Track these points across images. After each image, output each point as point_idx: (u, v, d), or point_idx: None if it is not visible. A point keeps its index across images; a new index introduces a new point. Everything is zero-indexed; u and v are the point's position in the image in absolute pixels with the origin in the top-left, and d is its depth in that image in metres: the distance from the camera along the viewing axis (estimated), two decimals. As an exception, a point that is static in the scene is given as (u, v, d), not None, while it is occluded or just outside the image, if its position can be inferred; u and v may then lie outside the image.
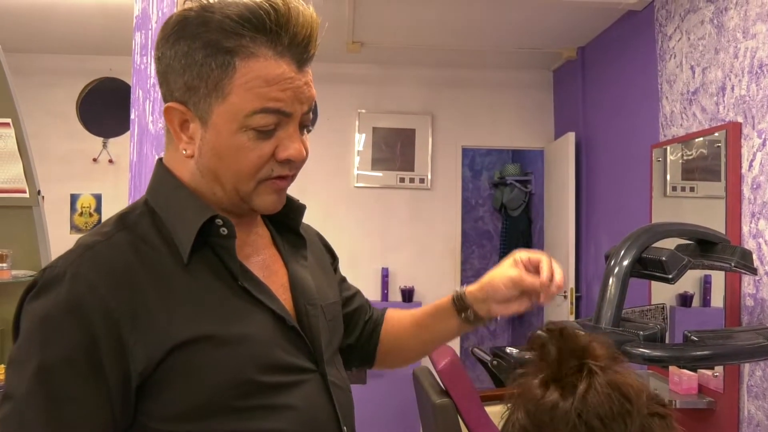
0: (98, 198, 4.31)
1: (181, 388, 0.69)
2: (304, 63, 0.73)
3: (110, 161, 4.30)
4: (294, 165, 0.76)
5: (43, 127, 4.15)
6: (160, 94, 1.58)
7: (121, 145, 4.28)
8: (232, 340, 0.72)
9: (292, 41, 0.71)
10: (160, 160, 0.81)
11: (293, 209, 0.86)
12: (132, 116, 1.54)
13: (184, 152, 0.75)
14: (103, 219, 4.28)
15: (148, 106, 1.53)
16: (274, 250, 0.85)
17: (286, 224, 0.88)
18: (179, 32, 0.71)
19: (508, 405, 0.77)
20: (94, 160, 4.29)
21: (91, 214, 4.31)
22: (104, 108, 4.34)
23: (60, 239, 2.28)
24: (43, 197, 2.02)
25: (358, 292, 1.07)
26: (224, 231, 0.74)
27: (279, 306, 0.78)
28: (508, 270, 0.95)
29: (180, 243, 0.73)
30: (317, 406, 0.78)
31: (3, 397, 0.67)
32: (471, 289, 0.98)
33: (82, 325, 0.66)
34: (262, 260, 0.82)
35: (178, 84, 0.72)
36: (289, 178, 0.78)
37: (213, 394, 0.70)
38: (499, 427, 0.80)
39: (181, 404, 0.69)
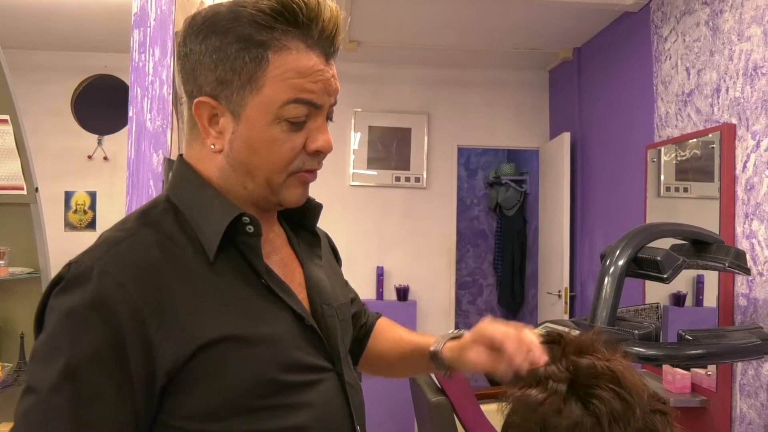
0: (93, 195, 4.30)
1: (205, 387, 0.69)
2: (331, 56, 0.75)
3: (105, 158, 4.29)
4: (321, 158, 0.78)
5: (37, 123, 4.13)
6: (158, 91, 1.58)
7: (116, 143, 4.27)
8: (256, 340, 0.72)
9: (321, 35, 0.73)
10: (181, 156, 0.80)
11: (310, 208, 0.88)
12: (130, 113, 1.54)
13: (212, 147, 0.75)
14: (98, 217, 4.27)
15: (146, 104, 1.53)
16: (290, 249, 0.86)
17: (301, 223, 0.89)
18: (210, 27, 0.71)
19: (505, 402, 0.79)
20: (89, 157, 4.28)
21: (85, 212, 4.29)
22: (99, 105, 4.33)
23: (54, 236, 2.28)
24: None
25: (356, 298, 1.08)
26: (250, 229, 0.74)
27: (299, 305, 0.78)
28: (469, 354, 0.87)
29: (206, 241, 0.73)
30: (333, 404, 0.79)
31: (25, 390, 0.67)
32: (449, 348, 0.93)
33: (109, 322, 0.66)
34: (281, 259, 0.83)
35: (209, 79, 0.72)
36: (316, 172, 0.79)
37: (237, 393, 0.70)
38: (501, 425, 0.81)
39: (204, 403, 0.69)
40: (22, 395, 0.67)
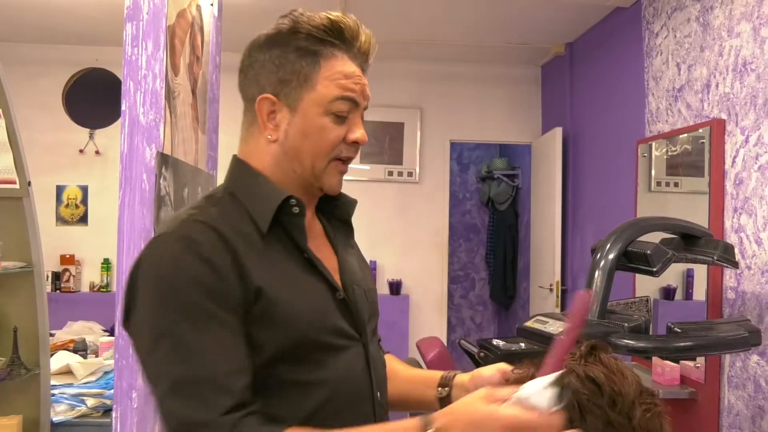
0: (84, 189, 4.28)
1: (262, 331, 0.82)
2: (365, 70, 0.94)
3: (97, 152, 4.27)
4: (356, 148, 0.93)
5: (28, 117, 4.08)
6: (150, 85, 1.57)
7: (107, 137, 4.25)
8: (300, 305, 0.85)
9: (359, 50, 0.93)
10: (235, 155, 0.96)
11: (346, 202, 1.02)
12: (123, 107, 1.54)
13: (269, 137, 0.90)
14: (89, 211, 4.25)
15: (139, 98, 1.52)
16: (325, 239, 0.99)
17: (337, 215, 1.02)
18: (272, 41, 0.90)
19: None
20: (81, 151, 4.26)
21: (77, 206, 4.28)
22: (91, 99, 4.31)
23: (46, 231, 2.26)
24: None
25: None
26: (296, 210, 0.88)
27: (334, 280, 0.92)
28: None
29: (259, 218, 0.87)
30: (357, 370, 0.91)
31: (154, 340, 0.79)
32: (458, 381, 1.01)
33: (205, 256, 0.80)
34: (316, 246, 0.94)
35: (271, 80, 0.89)
36: (348, 163, 0.94)
37: (287, 343, 0.83)
38: None
39: (260, 348, 0.82)
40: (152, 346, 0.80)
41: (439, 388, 1.01)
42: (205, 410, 0.75)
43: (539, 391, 0.71)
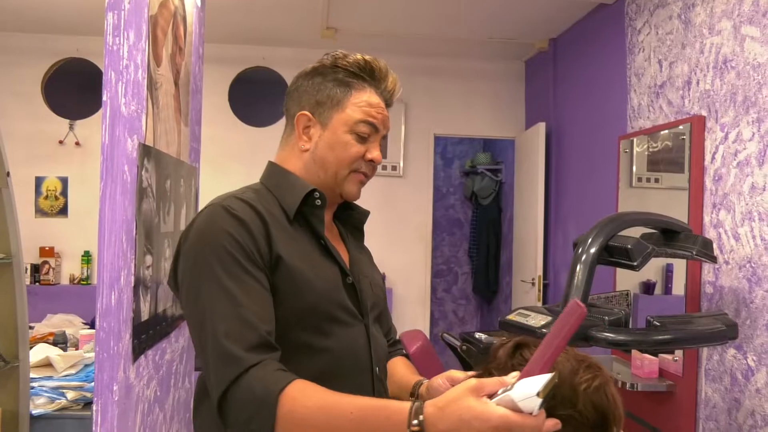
0: (64, 181, 4.22)
1: (284, 297, 0.97)
2: (389, 105, 1.14)
3: (77, 143, 4.21)
4: (374, 166, 1.13)
5: (6, 107, 4.04)
6: (132, 75, 1.55)
7: (88, 128, 4.20)
8: (317, 281, 1.01)
9: (386, 88, 1.13)
10: (270, 161, 1.16)
11: (360, 212, 1.24)
12: (104, 98, 1.51)
13: (302, 147, 1.11)
14: (70, 203, 4.19)
15: (120, 88, 1.50)
16: (340, 241, 1.18)
17: (351, 223, 1.23)
18: (316, 71, 1.12)
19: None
20: (60, 142, 4.20)
21: (56, 197, 4.22)
22: (71, 89, 4.25)
23: (25, 222, 2.23)
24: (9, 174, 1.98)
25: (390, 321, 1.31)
26: (318, 202, 1.08)
27: (345, 265, 1.09)
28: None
29: (287, 206, 1.06)
30: (359, 344, 1.07)
31: (197, 285, 0.94)
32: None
33: (244, 223, 0.97)
34: (332, 242, 1.11)
35: (310, 101, 1.10)
36: (368, 177, 1.13)
37: (303, 310, 0.99)
38: None
39: (283, 312, 0.96)
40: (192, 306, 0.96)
41: (411, 396, 1.13)
42: (234, 343, 0.89)
43: (531, 398, 0.72)
